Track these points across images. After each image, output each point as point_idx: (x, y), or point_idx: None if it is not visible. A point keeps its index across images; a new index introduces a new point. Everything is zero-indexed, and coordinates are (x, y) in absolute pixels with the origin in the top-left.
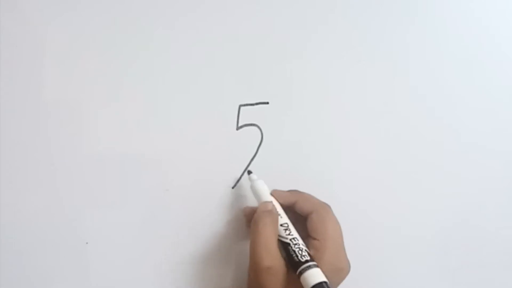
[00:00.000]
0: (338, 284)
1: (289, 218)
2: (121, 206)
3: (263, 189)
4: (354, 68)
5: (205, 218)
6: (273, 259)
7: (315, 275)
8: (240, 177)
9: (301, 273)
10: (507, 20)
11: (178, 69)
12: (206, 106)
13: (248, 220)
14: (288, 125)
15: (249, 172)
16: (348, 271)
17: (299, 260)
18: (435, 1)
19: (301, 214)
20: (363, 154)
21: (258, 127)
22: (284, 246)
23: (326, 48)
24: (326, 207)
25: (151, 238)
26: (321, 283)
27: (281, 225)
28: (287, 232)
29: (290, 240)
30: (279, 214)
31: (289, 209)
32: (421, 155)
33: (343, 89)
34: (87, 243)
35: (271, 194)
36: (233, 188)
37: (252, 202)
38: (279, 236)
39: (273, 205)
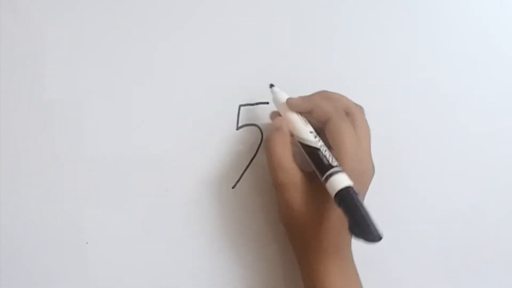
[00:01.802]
0: (364, 188)
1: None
2: (121, 206)
3: (281, 100)
4: (354, 68)
5: (205, 218)
6: (287, 175)
7: (342, 179)
8: (240, 177)
9: (329, 176)
10: (508, 19)
11: (178, 69)
12: (206, 106)
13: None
14: None
15: (271, 86)
16: (373, 174)
17: (330, 163)
18: (436, 1)
19: (319, 123)
20: None
21: (258, 127)
22: (313, 152)
23: (326, 47)
24: (345, 114)
25: (151, 238)
26: (347, 187)
27: (310, 132)
28: (317, 138)
29: (320, 146)
30: (306, 122)
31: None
32: (421, 154)
33: (343, 88)
34: (87, 243)
35: (288, 104)
36: (233, 188)
37: (252, 201)
38: (308, 142)
39: (283, 121)
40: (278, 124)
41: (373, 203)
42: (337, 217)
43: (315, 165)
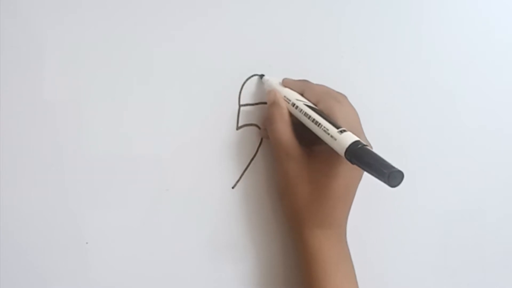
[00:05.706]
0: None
1: None
2: (121, 206)
3: (276, 83)
4: (354, 68)
5: (205, 218)
6: (286, 148)
7: (350, 135)
8: (240, 177)
9: (342, 131)
10: (508, 18)
11: (178, 69)
12: (206, 106)
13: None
14: None
15: (262, 76)
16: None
17: (334, 124)
18: (437, 0)
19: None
20: None
21: (258, 127)
22: (315, 113)
23: (326, 47)
24: (334, 97)
25: (151, 238)
26: (356, 141)
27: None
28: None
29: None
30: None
31: None
32: (422, 154)
33: (344, 89)
34: (87, 243)
35: (283, 82)
36: (233, 188)
37: (253, 202)
38: (307, 103)
39: (277, 93)
40: (273, 97)
41: (373, 203)
42: (333, 193)
43: (318, 125)
